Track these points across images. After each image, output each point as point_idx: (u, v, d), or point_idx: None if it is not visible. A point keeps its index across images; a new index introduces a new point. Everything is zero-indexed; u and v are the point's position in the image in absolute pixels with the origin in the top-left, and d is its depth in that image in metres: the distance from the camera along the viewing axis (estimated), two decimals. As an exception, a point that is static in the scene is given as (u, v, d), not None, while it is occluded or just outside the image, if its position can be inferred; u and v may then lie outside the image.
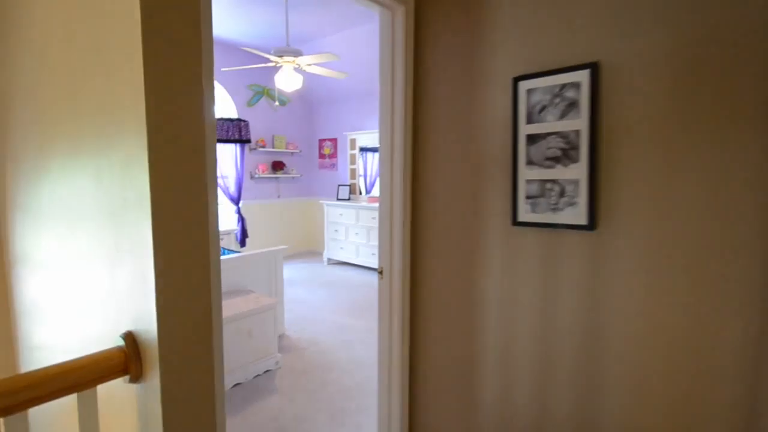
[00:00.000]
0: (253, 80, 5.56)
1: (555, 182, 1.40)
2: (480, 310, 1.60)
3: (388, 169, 1.76)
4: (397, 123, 1.70)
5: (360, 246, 5.43)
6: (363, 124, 5.86)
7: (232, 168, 5.38)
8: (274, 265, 3.20)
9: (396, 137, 1.71)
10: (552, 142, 1.41)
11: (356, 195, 5.96)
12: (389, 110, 1.73)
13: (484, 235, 1.57)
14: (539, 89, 1.41)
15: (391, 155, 1.75)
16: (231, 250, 3.54)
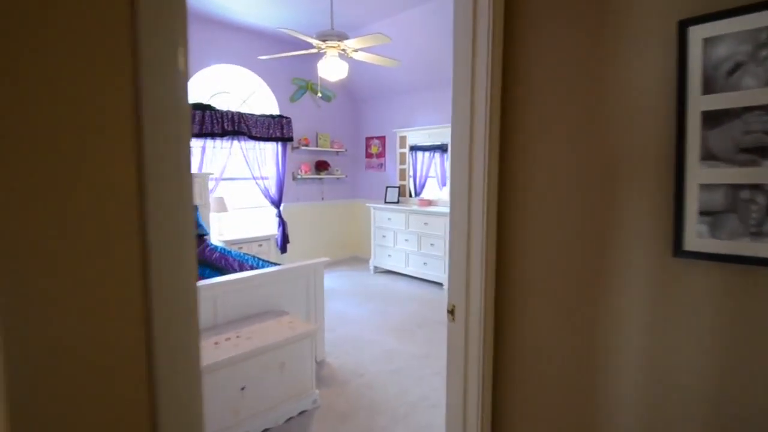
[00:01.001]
0: (296, 73, 5.21)
1: (759, 189, 0.78)
2: (609, 380, 0.99)
3: (463, 172, 1.19)
4: (479, 111, 1.13)
5: (410, 254, 4.87)
6: (414, 120, 5.31)
7: (272, 168, 5.05)
8: (313, 281, 2.73)
9: (476, 129, 1.14)
10: (754, 122, 0.79)
11: (405, 198, 5.42)
12: (466, 93, 1.16)
13: (616, 269, 0.97)
14: (728, 37, 0.81)
15: (469, 152, 1.17)
16: (267, 262, 3.13)
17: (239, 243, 4.34)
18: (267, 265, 2.99)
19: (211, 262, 3.12)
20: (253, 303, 2.40)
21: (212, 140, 4.43)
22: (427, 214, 4.65)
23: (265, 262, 3.10)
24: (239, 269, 2.90)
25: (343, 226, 6.04)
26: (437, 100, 5.03)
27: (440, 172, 5.19)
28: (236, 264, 3.03)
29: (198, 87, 4.47)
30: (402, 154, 5.42)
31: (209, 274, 2.75)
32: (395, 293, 4.48)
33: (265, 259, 3.20)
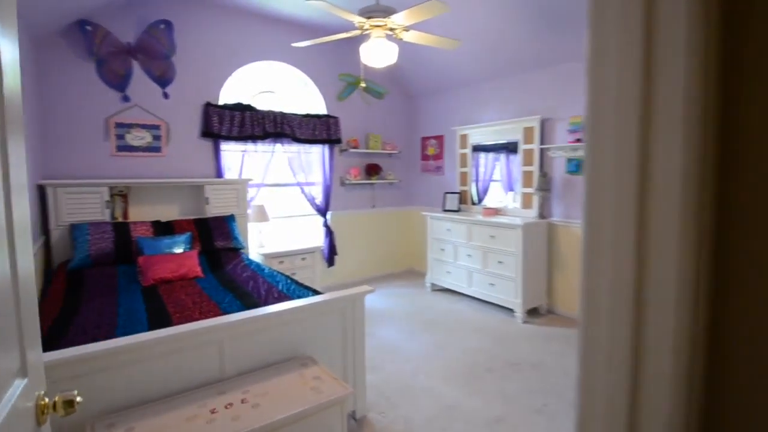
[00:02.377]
0: (344, 68, 4.71)
1: None
2: None
3: (623, 156, 0.49)
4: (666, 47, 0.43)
5: (474, 272, 4.12)
6: (477, 116, 4.55)
7: (318, 173, 4.60)
8: (351, 316, 2.14)
9: (661, 80, 0.44)
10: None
11: (467, 205, 4.66)
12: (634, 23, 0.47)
13: None
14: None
15: (640, 122, 0.47)
16: (299, 286, 2.60)
17: (280, 256, 3.92)
18: (298, 292, 2.46)
19: (238, 284, 2.67)
20: (273, 347, 1.87)
21: (253, 143, 4.07)
22: (493, 226, 3.87)
23: (297, 287, 2.58)
24: (264, 295, 2.40)
25: (397, 237, 5.43)
26: (506, 90, 4.23)
27: (506, 174, 4.38)
28: (264, 288, 2.54)
29: (239, 86, 4.14)
30: (463, 155, 4.68)
31: (229, 301, 2.29)
32: (456, 320, 3.75)
33: (300, 283, 2.68)
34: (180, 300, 2.33)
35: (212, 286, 2.62)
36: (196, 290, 2.53)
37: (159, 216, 3.49)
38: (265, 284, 2.64)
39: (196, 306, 2.21)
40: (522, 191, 4.07)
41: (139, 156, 3.53)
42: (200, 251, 3.24)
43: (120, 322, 1.97)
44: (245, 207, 3.86)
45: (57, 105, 3.18)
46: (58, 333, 1.84)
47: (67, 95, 3.22)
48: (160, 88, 3.62)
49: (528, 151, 3.99)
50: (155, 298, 2.38)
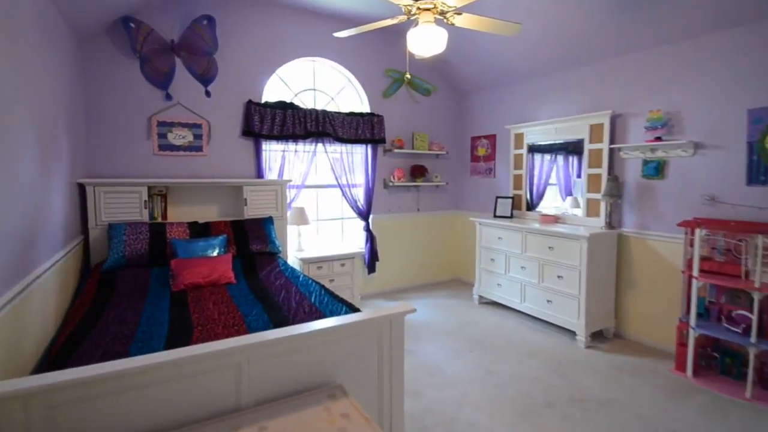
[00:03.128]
0: (390, 63, 4.45)
1: None
2: None
3: None
4: None
5: (528, 287, 3.67)
6: (535, 113, 4.10)
7: (361, 174, 4.36)
8: (388, 340, 1.85)
9: None
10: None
11: (521, 211, 4.21)
12: None
13: None
14: None
15: None
16: (333, 298, 2.35)
17: (319, 261, 3.71)
18: (331, 306, 2.22)
19: (269, 293, 2.47)
20: (297, 373, 1.62)
21: (294, 143, 3.91)
22: (553, 236, 3.41)
23: (331, 299, 2.33)
24: (294, 308, 2.18)
25: (443, 244, 5.07)
26: (571, 83, 3.75)
27: (563, 178, 3.89)
28: (295, 299, 2.32)
29: (281, 84, 4.01)
30: (517, 156, 4.24)
31: (257, 315, 2.08)
32: (507, 339, 3.34)
33: (334, 294, 2.43)
34: (206, 310, 2.16)
35: (242, 295, 2.45)
36: (225, 298, 2.37)
37: (197, 217, 3.42)
38: (297, 295, 2.42)
39: (221, 318, 2.02)
40: (586, 197, 3.57)
41: (179, 155, 3.48)
42: (235, 255, 3.10)
43: (138, 334, 1.82)
44: (284, 209, 3.70)
45: (101, 103, 3.19)
46: (74, 343, 1.72)
47: (111, 93, 3.22)
48: (202, 87, 3.56)
49: (595, 152, 3.49)
50: (182, 306, 2.23)
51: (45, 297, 2.02)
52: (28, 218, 1.81)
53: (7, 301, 1.54)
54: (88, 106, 3.15)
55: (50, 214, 2.17)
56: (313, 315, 2.07)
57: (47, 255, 2.07)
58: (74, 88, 2.86)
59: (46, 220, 2.10)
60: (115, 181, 3.04)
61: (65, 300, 2.43)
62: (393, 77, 4.45)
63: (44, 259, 2.01)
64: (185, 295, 2.42)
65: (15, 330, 1.63)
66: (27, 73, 1.86)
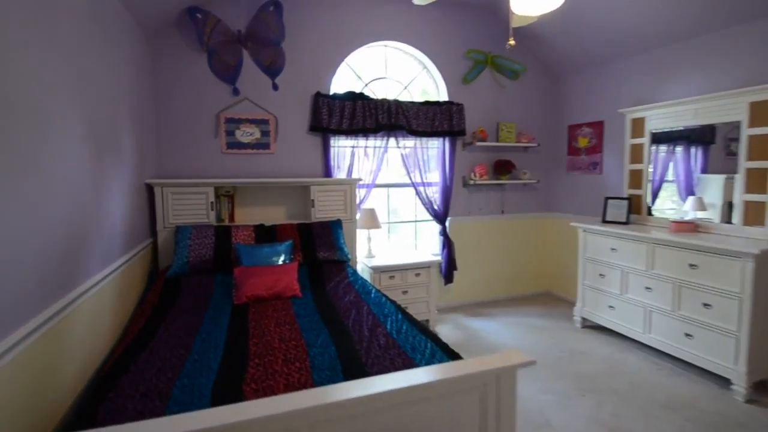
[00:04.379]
0: (472, 43, 3.87)
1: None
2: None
3: None
4: None
5: (656, 313, 2.88)
6: (660, 93, 3.25)
7: (437, 171, 3.85)
8: (495, 397, 1.33)
9: None
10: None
11: (641, 216, 3.38)
12: None
13: None
14: None
15: None
16: (419, 332, 1.86)
17: (391, 270, 3.28)
18: (412, 338, 1.75)
19: (337, 312, 2.08)
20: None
21: (364, 138, 3.52)
22: (698, 251, 2.59)
23: (410, 327, 1.86)
24: (367, 339, 1.75)
25: (532, 251, 4.36)
26: (716, 51, 2.86)
27: (683, 173, 3.04)
28: (367, 325, 1.89)
29: (350, 73, 3.65)
30: (635, 146, 3.41)
31: (323, 345, 1.69)
32: (631, 382, 2.60)
33: (413, 320, 1.97)
34: (267, 333, 1.82)
35: (308, 313, 2.09)
36: (288, 318, 2.02)
37: (263, 219, 3.18)
38: (370, 317, 2.00)
39: (282, 347, 1.67)
40: (743, 198, 2.69)
41: (247, 153, 3.27)
42: (301, 262, 2.79)
43: (188, 364, 1.53)
44: (354, 211, 3.33)
45: (170, 100, 3.07)
46: (120, 370, 1.47)
47: (180, 89, 3.09)
48: (269, 79, 3.32)
49: (758, 138, 2.60)
50: (242, 325, 1.93)
51: (99, 310, 1.83)
52: (73, 225, 1.59)
53: (41, 324, 1.30)
54: (158, 104, 3.04)
55: (107, 219, 1.99)
56: (390, 350, 1.63)
57: (101, 265, 1.88)
58: (142, 84, 2.74)
59: (102, 225, 1.91)
60: (183, 181, 2.88)
61: (127, 309, 2.27)
62: (475, 59, 3.87)
63: (96, 270, 1.81)
64: (246, 311, 2.12)
65: (53, 353, 1.40)
66: (75, 64, 1.65)
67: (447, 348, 1.68)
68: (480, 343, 3.19)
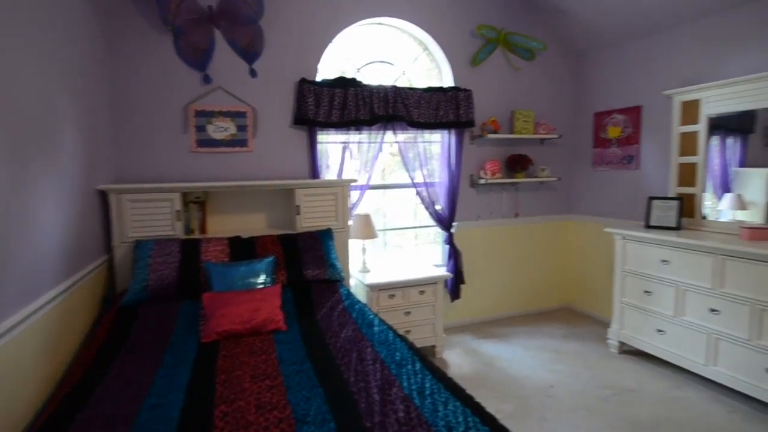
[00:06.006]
0: (483, 18, 3.37)
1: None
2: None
3: None
4: None
5: (724, 342, 2.38)
6: (717, 70, 2.74)
7: (442, 169, 3.37)
8: None
9: None
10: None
11: (695, 219, 2.88)
12: None
13: None
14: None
15: None
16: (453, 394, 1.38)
17: (391, 288, 2.81)
18: (443, 405, 1.28)
19: (332, 357, 1.62)
20: None
21: (357, 131, 3.04)
22: (765, 264, 2.12)
23: (437, 385, 1.40)
24: (380, 403, 1.29)
25: (551, 260, 3.89)
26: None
27: (718, 168, 2.71)
28: (375, 383, 1.43)
29: (341, 55, 3.15)
30: (687, 135, 2.88)
31: (317, 414, 1.24)
32: (697, 426, 2.14)
33: (437, 371, 1.50)
34: (241, 394, 1.36)
35: (295, 359, 1.62)
36: (270, 366, 1.56)
37: (240, 229, 2.70)
38: (378, 368, 1.52)
39: (261, 420, 1.21)
40: (823, 197, 2.21)
41: (221, 152, 2.79)
42: (285, 284, 2.32)
43: None
44: (346, 218, 2.85)
45: (128, 90, 2.57)
46: None
47: (140, 77, 2.59)
48: (246, 64, 2.82)
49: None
50: (207, 381, 1.46)
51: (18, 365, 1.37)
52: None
53: None
54: (114, 95, 2.55)
55: (33, 237, 1.52)
56: (412, 428, 1.17)
57: (22, 301, 1.42)
58: (93, 72, 2.25)
59: (23, 247, 1.44)
60: (143, 186, 2.40)
61: (70, 351, 1.81)
62: (486, 37, 3.36)
63: (13, 309, 1.35)
64: (215, 355, 1.66)
65: None
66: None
67: (496, 424, 1.20)
68: (499, 377, 2.68)
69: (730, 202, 2.69)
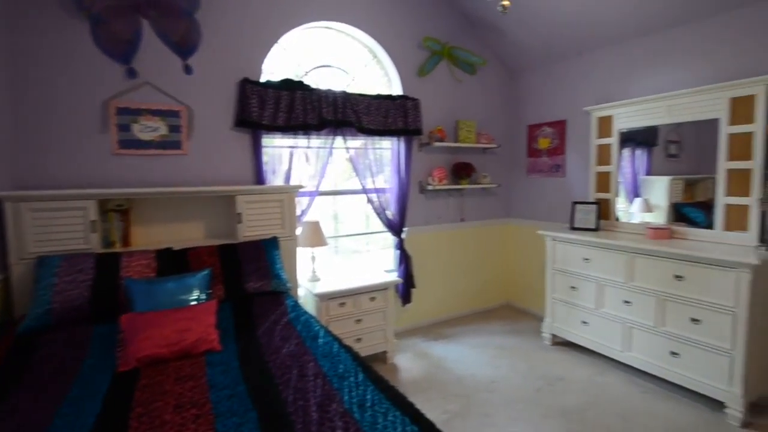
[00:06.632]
0: (429, 30, 3.44)
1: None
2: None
3: None
4: None
5: (637, 329, 2.62)
6: (630, 89, 3.04)
7: (392, 175, 3.35)
8: None
9: None
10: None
11: (610, 221, 3.15)
12: None
13: None
14: None
15: None
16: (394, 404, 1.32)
17: (342, 297, 2.70)
18: (383, 417, 1.21)
19: (271, 377, 1.47)
20: None
21: (305, 136, 2.91)
22: (685, 261, 2.35)
23: (379, 395, 1.33)
24: (318, 418, 1.18)
25: (493, 261, 4.03)
26: (690, 43, 2.69)
27: (630, 175, 3.04)
28: (317, 395, 1.32)
29: (288, 58, 3.02)
30: (602, 147, 3.19)
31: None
32: (621, 414, 2.28)
33: (381, 381, 1.44)
34: (160, 425, 1.18)
35: (228, 381, 1.45)
36: (197, 393, 1.37)
37: (173, 240, 2.44)
38: (320, 383, 1.42)
39: None
40: (724, 202, 2.51)
41: (149, 155, 2.51)
42: (223, 299, 2.12)
43: None
44: (293, 226, 2.70)
45: (35, 83, 2.23)
46: None
47: (50, 68, 2.26)
48: (180, 60, 2.59)
49: (738, 138, 2.42)
50: (120, 411, 1.26)
51: None
52: None
53: None
54: (16, 88, 2.19)
55: None
56: None
57: None
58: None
59: None
60: (49, 193, 2.07)
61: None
62: (432, 49, 3.43)
63: None
64: (133, 384, 1.43)
65: None
66: None
67: (433, 430, 1.18)
68: (447, 377, 2.72)
69: (639, 206, 2.99)
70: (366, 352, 2.77)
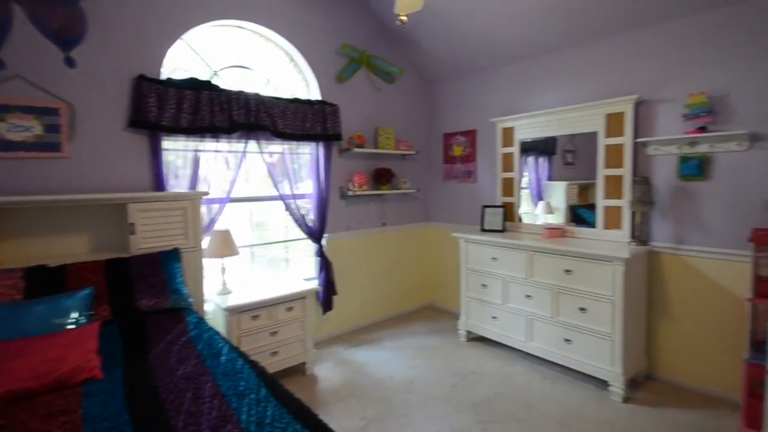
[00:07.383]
0: (347, 38, 3.45)
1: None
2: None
3: None
4: None
5: (537, 321, 2.87)
6: (530, 103, 3.34)
7: (311, 181, 3.30)
8: None
9: None
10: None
11: (515, 222, 3.42)
12: None
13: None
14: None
15: None
16: (294, 415, 1.27)
17: (255, 309, 2.57)
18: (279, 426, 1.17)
19: (161, 402, 1.34)
20: None
21: (214, 139, 2.75)
22: (572, 257, 2.63)
23: (280, 409, 1.28)
24: None
25: (414, 264, 4.15)
26: (577, 64, 3.03)
27: (534, 181, 3.37)
28: (211, 417, 1.23)
29: (193, 56, 2.83)
30: (506, 155, 3.46)
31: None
32: (525, 402, 2.47)
33: (284, 393, 1.39)
34: None
35: (108, 413, 1.29)
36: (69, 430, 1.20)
37: (50, 256, 2.13)
38: (216, 403, 1.32)
39: None
40: (603, 204, 2.86)
41: (19, 157, 2.17)
42: (109, 320, 1.90)
43: None
44: (198, 236, 2.51)
45: None
46: None
47: None
48: (60, 51, 2.28)
49: (613, 148, 2.78)
50: None
51: None
52: None
53: None
54: None
55: None
56: None
57: None
58: None
59: None
60: None
61: None
62: (350, 56, 3.45)
63: None
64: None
65: None
66: None
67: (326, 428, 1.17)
68: (367, 382, 2.73)
69: (543, 208, 3.30)
70: (283, 366, 2.67)
